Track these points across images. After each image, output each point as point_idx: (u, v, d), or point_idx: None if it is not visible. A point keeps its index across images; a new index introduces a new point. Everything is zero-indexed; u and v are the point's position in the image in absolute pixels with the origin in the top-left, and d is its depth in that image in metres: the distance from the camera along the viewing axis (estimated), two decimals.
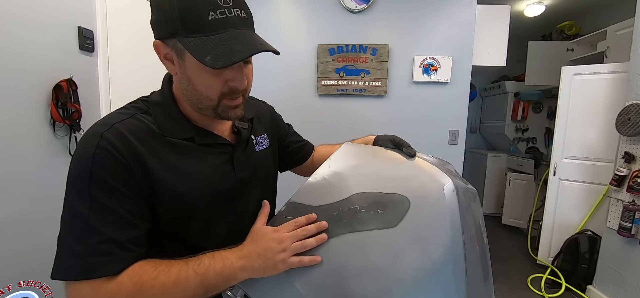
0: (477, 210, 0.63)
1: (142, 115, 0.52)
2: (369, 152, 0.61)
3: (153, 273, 0.45)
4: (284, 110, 0.87)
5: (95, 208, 0.44)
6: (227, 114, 0.53)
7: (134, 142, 0.47)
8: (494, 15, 2.24)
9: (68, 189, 0.45)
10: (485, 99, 4.07)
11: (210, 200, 0.55)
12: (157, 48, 0.50)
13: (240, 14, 0.47)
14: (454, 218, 0.51)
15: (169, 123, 0.53)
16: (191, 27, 0.44)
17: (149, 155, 0.48)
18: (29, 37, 1.16)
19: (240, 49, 0.45)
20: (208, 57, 0.43)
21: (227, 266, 0.49)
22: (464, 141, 2.27)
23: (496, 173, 3.58)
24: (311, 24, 2.25)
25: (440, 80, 2.20)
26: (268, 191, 0.71)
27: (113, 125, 0.47)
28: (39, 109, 1.20)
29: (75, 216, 0.44)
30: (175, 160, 0.51)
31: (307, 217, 0.55)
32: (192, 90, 0.50)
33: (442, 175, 0.52)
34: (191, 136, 0.54)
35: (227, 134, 0.61)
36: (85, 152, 0.45)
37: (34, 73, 1.18)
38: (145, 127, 0.50)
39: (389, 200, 0.52)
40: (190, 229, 0.55)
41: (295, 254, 0.52)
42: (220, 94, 0.50)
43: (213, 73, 0.48)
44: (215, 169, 0.56)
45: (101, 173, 0.44)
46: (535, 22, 3.21)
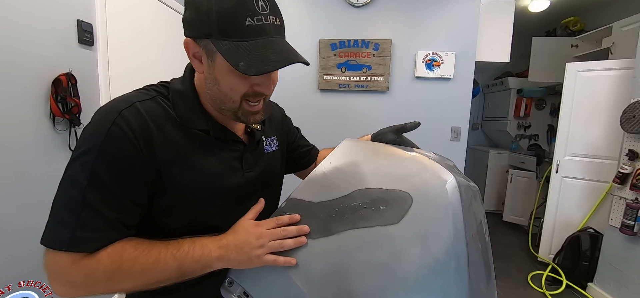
0: (478, 208, 0.62)
1: (162, 100, 0.52)
2: (371, 148, 0.60)
3: (133, 253, 0.46)
4: (285, 105, 0.86)
5: (94, 183, 0.43)
6: (247, 119, 0.53)
7: (151, 125, 0.47)
8: (498, 9, 2.22)
9: (73, 156, 0.45)
10: (487, 95, 4.04)
11: (214, 196, 0.55)
12: (187, 46, 0.50)
13: (275, 22, 0.47)
14: (457, 216, 0.50)
15: (187, 112, 0.53)
16: (227, 31, 0.45)
17: (163, 141, 0.48)
18: (27, 30, 1.15)
19: (274, 58, 0.45)
20: (242, 62, 0.44)
21: (206, 254, 0.50)
22: (466, 138, 2.26)
23: (498, 170, 3.56)
24: (313, 18, 2.23)
25: (443, 76, 2.18)
26: (272, 193, 0.70)
27: (134, 104, 0.47)
28: (38, 103, 1.19)
29: (74, 186, 0.43)
30: (188, 150, 0.52)
31: (290, 217, 0.55)
32: (216, 90, 0.50)
33: (445, 171, 0.51)
34: (207, 128, 0.54)
35: (241, 132, 0.61)
36: (101, 126, 0.44)
37: (33, 67, 1.17)
38: (165, 112, 0.51)
39: (391, 197, 0.52)
40: (188, 222, 0.55)
41: (271, 252, 0.52)
42: (243, 95, 0.50)
43: (241, 77, 0.48)
44: (225, 165, 0.56)
45: (111, 151, 0.44)
46: (539, 18, 3.17)
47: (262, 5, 0.45)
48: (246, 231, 0.53)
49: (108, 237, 0.45)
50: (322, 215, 0.56)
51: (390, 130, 0.67)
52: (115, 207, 0.45)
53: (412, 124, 0.65)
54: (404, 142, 0.66)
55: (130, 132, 0.45)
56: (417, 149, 0.63)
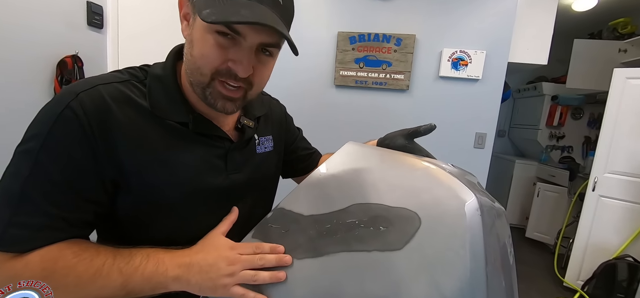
0: (502, 228, 0.51)
1: (135, 84, 0.46)
2: (376, 155, 0.50)
3: (71, 261, 0.38)
4: (297, 100, 0.78)
5: (36, 174, 0.38)
6: (214, 101, 0.45)
7: (115, 111, 0.41)
8: (538, 6, 2.01)
9: (21, 142, 0.39)
10: (517, 100, 3.77)
11: (191, 199, 0.48)
12: (180, 3, 0.45)
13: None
14: (476, 245, 0.40)
15: (164, 100, 0.46)
16: None
17: (128, 131, 0.42)
18: (34, 9, 1.13)
19: (245, 14, 0.38)
20: (207, 10, 0.37)
21: (160, 272, 0.42)
22: (492, 145, 2.08)
23: (523, 182, 3.31)
24: (332, 9, 2.12)
25: (470, 77, 2.01)
26: (263, 200, 0.62)
27: (96, 86, 0.41)
28: (42, 84, 1.18)
29: (14, 177, 0.38)
30: (160, 144, 0.45)
31: (271, 247, 0.46)
32: (190, 56, 0.44)
33: (464, 189, 0.40)
34: (185, 121, 0.47)
35: (229, 129, 0.55)
36: (52, 110, 0.39)
37: (39, 47, 1.15)
38: (134, 99, 0.44)
39: (394, 216, 0.42)
40: (162, 231, 0.48)
41: (242, 283, 0.44)
42: (214, 70, 0.42)
43: (216, 42, 0.41)
44: (204, 164, 0.49)
45: (59, 137, 0.38)
46: (582, 18, 2.88)
47: None
48: (218, 251, 0.45)
49: (47, 237, 0.38)
50: (312, 232, 0.47)
51: (400, 134, 0.57)
52: (60, 202, 0.39)
53: (427, 127, 0.54)
54: (416, 150, 0.55)
55: (85, 117, 0.39)
56: (431, 158, 0.52)
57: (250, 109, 0.59)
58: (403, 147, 0.55)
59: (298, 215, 0.49)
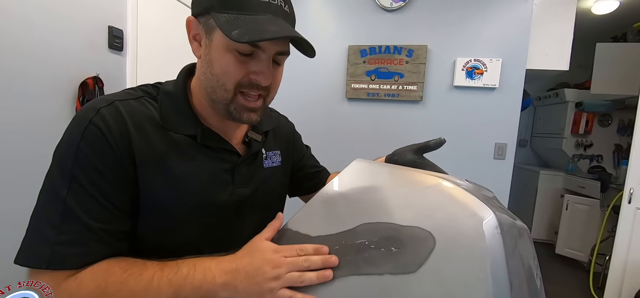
0: (526, 248, 0.46)
1: (149, 100, 0.48)
2: (384, 172, 0.48)
3: (121, 276, 0.40)
4: (309, 114, 0.77)
5: (75, 191, 0.40)
6: (239, 115, 0.47)
7: (129, 126, 0.44)
8: (555, 11, 1.94)
9: (53, 163, 0.42)
10: (538, 108, 3.62)
11: (198, 212, 0.49)
12: (189, 25, 0.47)
13: (283, 6, 0.44)
14: (498, 269, 0.36)
15: (173, 115, 0.48)
16: (228, 3, 0.42)
17: (141, 144, 0.44)
18: (60, 35, 1.20)
19: (274, 29, 0.41)
20: (236, 31, 0.40)
21: (208, 280, 0.42)
22: (513, 156, 1.98)
23: (550, 194, 3.13)
24: (342, 24, 2.14)
25: (486, 85, 1.95)
26: (271, 215, 0.61)
27: (113, 102, 0.44)
28: (64, 104, 1.23)
29: (54, 196, 0.40)
30: (168, 156, 0.46)
31: (315, 248, 0.44)
32: (210, 74, 0.45)
33: (481, 206, 0.37)
34: (194, 134, 0.49)
35: (237, 142, 0.56)
36: (77, 127, 0.41)
37: (63, 69, 1.22)
38: (148, 113, 0.46)
39: (406, 236, 0.39)
40: (170, 245, 0.48)
41: (289, 286, 0.42)
42: (237, 83, 0.45)
43: (237, 59, 0.43)
44: (212, 177, 0.50)
45: (88, 152, 0.40)
46: (604, 21, 2.76)
47: None
48: (262, 255, 0.44)
49: (94, 251, 0.40)
50: None
51: (409, 150, 0.55)
52: (99, 215, 0.41)
53: (436, 141, 0.54)
54: (426, 165, 0.53)
55: (107, 130, 0.42)
56: (443, 174, 0.49)
57: (258, 124, 0.59)
58: (413, 163, 0.53)
59: (305, 236, 0.47)
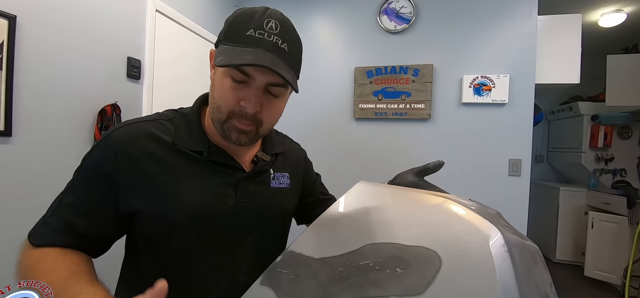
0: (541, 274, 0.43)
1: (164, 122, 0.53)
2: (388, 193, 0.48)
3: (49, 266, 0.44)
4: (318, 135, 0.78)
5: (71, 191, 0.49)
6: (230, 134, 0.50)
7: (139, 146, 0.49)
8: (560, 26, 1.94)
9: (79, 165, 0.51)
10: (552, 122, 3.53)
11: (195, 223, 0.50)
12: (211, 55, 0.53)
13: (279, 43, 0.47)
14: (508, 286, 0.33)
15: (185, 133, 0.53)
16: (230, 36, 0.47)
17: (149, 160, 0.49)
18: (82, 66, 1.27)
19: (249, 59, 0.44)
20: (221, 58, 0.45)
21: None
22: (529, 172, 1.92)
23: (572, 211, 2.98)
24: (348, 47, 2.19)
25: (495, 101, 1.93)
26: (275, 234, 0.61)
27: (125, 127, 0.51)
28: (84, 130, 1.29)
29: (63, 190, 0.49)
30: (174, 170, 0.50)
31: None
32: (212, 96, 0.51)
33: (487, 224, 0.35)
34: (201, 150, 0.52)
35: (245, 162, 0.57)
36: (94, 144, 0.52)
37: (84, 98, 1.29)
38: (157, 134, 0.51)
39: (412, 256, 0.37)
40: (170, 252, 0.50)
41: None
42: (230, 111, 0.48)
43: (231, 86, 0.47)
44: (215, 190, 0.52)
45: (90, 166, 0.49)
46: (614, 33, 2.73)
47: (271, 25, 0.46)
48: None
49: (58, 240, 0.46)
50: (323, 276, 0.43)
51: (409, 172, 0.56)
52: (77, 216, 0.47)
53: (435, 163, 0.56)
54: (427, 187, 0.53)
55: (113, 153, 0.48)
56: (446, 194, 0.48)
57: (268, 146, 0.62)
58: (414, 185, 0.53)
59: (308, 258, 0.46)
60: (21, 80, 1.08)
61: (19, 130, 1.09)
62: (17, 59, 1.07)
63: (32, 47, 1.11)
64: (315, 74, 2.21)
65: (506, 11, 1.92)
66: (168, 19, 1.71)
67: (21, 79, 1.08)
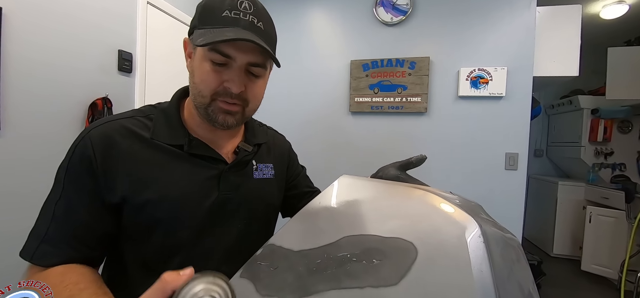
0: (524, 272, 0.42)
1: (141, 118, 0.53)
2: (370, 186, 0.48)
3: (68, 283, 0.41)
4: (313, 129, 0.77)
5: (63, 198, 0.46)
6: (216, 116, 0.50)
7: (117, 142, 0.48)
8: (560, 17, 1.91)
9: (56, 174, 0.48)
10: (552, 117, 3.51)
11: (178, 217, 0.50)
12: (184, 45, 0.53)
13: (255, 22, 0.47)
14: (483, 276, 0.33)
15: (165, 128, 0.53)
16: (205, 20, 0.47)
17: (127, 157, 0.49)
18: (73, 58, 1.26)
19: (230, 35, 0.44)
20: (200, 38, 0.45)
21: None
22: (526, 166, 1.90)
23: (571, 205, 2.97)
24: (344, 40, 2.17)
25: (492, 95, 1.91)
26: (259, 226, 0.60)
27: (103, 125, 0.50)
28: (75, 123, 1.28)
29: (50, 201, 0.47)
30: (155, 166, 0.50)
31: None
32: (192, 83, 0.51)
33: (465, 216, 0.35)
34: (182, 143, 0.52)
35: (227, 153, 0.57)
36: (72, 146, 0.48)
37: (75, 91, 1.28)
38: (135, 129, 0.51)
39: (388, 247, 0.37)
40: (152, 246, 0.50)
41: None
42: (213, 92, 0.49)
43: (211, 69, 0.48)
44: (198, 183, 0.52)
45: (75, 168, 0.47)
46: (615, 26, 2.70)
47: (245, 5, 0.47)
48: None
49: (64, 254, 0.45)
50: (301, 268, 0.42)
51: (392, 166, 0.56)
52: (76, 221, 0.46)
53: (418, 157, 0.55)
54: (409, 181, 0.53)
55: (92, 150, 0.47)
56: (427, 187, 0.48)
57: (250, 136, 0.62)
58: (396, 178, 0.53)
59: (287, 251, 0.45)
60: (9, 74, 1.07)
61: (8, 124, 1.08)
62: (4, 51, 1.05)
63: (20, 39, 1.10)
64: (310, 68, 2.18)
65: (505, 2, 1.89)
66: (160, 11, 1.69)
67: (9, 72, 1.07)
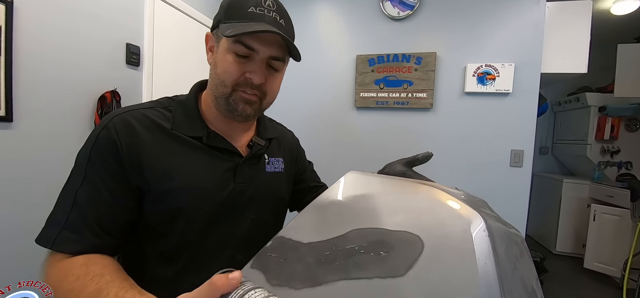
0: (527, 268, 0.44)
1: (161, 109, 0.54)
2: (377, 181, 0.49)
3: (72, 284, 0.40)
4: (318, 124, 0.79)
5: (85, 186, 0.46)
6: (236, 106, 0.52)
7: (140, 131, 0.50)
8: (570, 13, 1.88)
9: (75, 162, 0.49)
10: (559, 114, 3.47)
11: (200, 205, 0.52)
12: (206, 39, 0.56)
13: (277, 19, 0.50)
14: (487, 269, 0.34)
15: (184, 120, 0.54)
16: (231, 15, 0.50)
17: (149, 147, 0.50)
18: (81, 53, 1.27)
19: (258, 28, 0.47)
20: (228, 30, 0.47)
21: None
22: (531, 163, 1.90)
23: (575, 203, 2.96)
24: (350, 34, 2.16)
25: (499, 91, 1.90)
26: (270, 218, 0.62)
27: (125, 113, 0.51)
28: (84, 116, 1.30)
29: (69, 188, 0.47)
30: (175, 156, 0.51)
31: None
32: (214, 74, 0.53)
33: (470, 210, 0.36)
34: (200, 135, 0.54)
35: (241, 146, 0.59)
36: (94, 132, 0.49)
37: (84, 85, 1.29)
38: (157, 119, 0.52)
39: (395, 240, 0.38)
40: (171, 236, 0.51)
41: None
42: (235, 83, 0.51)
43: (235, 60, 0.50)
44: (215, 174, 0.54)
45: (99, 153, 0.47)
46: (625, 22, 2.65)
47: (269, 3, 0.50)
48: None
49: (86, 241, 0.44)
50: (310, 260, 0.44)
51: (398, 163, 0.58)
52: (100, 206, 0.46)
53: (424, 155, 0.57)
54: (415, 177, 0.54)
55: (116, 136, 0.48)
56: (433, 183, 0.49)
57: (262, 131, 0.64)
58: (402, 174, 0.55)
59: (297, 243, 0.47)
60: (20, 66, 1.09)
61: (19, 116, 1.10)
62: (15, 44, 1.07)
63: (30, 32, 1.11)
64: (315, 62, 2.18)
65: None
66: (167, 4, 1.69)
67: (20, 65, 1.09)
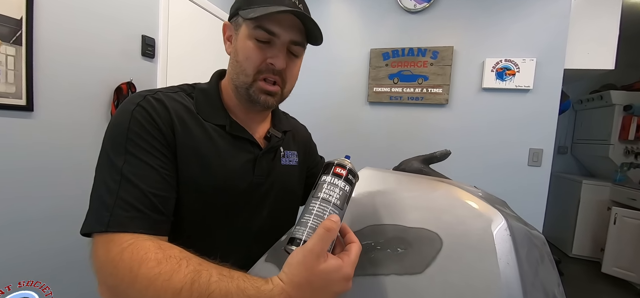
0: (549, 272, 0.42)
1: (185, 95, 0.54)
2: (392, 178, 0.49)
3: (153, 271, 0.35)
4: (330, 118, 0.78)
5: (130, 161, 0.43)
6: (257, 97, 0.52)
7: (171, 112, 0.49)
8: (598, 5, 1.79)
9: (105, 145, 0.45)
10: (580, 112, 3.33)
11: (219, 195, 0.52)
12: (224, 29, 0.56)
13: (297, 3, 0.50)
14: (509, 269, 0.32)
15: (207, 107, 0.54)
16: (251, 1, 0.50)
17: (181, 129, 0.49)
18: (99, 44, 1.30)
19: (282, 8, 0.47)
20: (251, 13, 0.47)
21: None
22: (550, 163, 1.83)
23: (594, 206, 2.85)
24: (365, 27, 2.12)
25: (518, 87, 1.83)
26: (284, 210, 0.62)
27: (154, 93, 0.50)
28: (100, 107, 1.33)
29: (111, 169, 0.43)
30: (203, 141, 0.51)
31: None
32: (235, 62, 0.53)
33: (490, 209, 0.35)
34: (224, 124, 0.54)
35: (259, 137, 0.59)
36: (125, 111, 0.46)
37: (100, 76, 1.32)
38: (185, 104, 0.52)
39: (413, 237, 0.37)
40: (194, 222, 0.51)
41: None
42: (257, 70, 0.51)
43: (256, 46, 0.50)
44: (238, 165, 0.54)
45: (138, 130, 0.45)
46: None
47: None
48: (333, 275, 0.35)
49: (148, 218, 0.42)
50: None
51: (415, 160, 0.57)
52: (153, 183, 0.44)
53: (442, 152, 0.56)
54: (432, 175, 0.54)
55: (154, 111, 0.47)
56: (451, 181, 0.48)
57: (278, 124, 0.64)
58: (419, 171, 0.54)
59: None
60: (40, 57, 1.12)
61: (40, 106, 1.13)
62: (35, 36, 1.10)
63: (49, 23, 1.14)
64: (328, 56, 2.16)
65: None
66: None
67: (40, 56, 1.12)
